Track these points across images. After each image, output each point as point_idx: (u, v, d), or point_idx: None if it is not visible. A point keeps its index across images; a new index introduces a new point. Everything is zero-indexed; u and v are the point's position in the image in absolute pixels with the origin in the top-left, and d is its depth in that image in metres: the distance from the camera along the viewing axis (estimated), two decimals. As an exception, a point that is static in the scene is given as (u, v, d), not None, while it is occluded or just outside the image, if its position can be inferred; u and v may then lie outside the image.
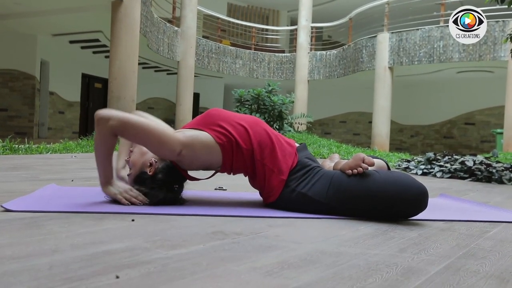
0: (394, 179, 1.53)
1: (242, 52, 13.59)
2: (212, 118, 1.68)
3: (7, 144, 4.42)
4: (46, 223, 1.22)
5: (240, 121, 1.69)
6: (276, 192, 1.65)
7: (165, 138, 1.55)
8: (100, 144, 1.52)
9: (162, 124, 1.62)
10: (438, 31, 10.22)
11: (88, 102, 12.15)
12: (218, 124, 1.66)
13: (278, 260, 0.97)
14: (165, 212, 1.48)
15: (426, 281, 0.88)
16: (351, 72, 12.28)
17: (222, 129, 1.64)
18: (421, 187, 1.53)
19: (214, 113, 1.70)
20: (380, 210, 1.54)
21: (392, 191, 1.51)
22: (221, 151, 1.63)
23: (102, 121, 1.49)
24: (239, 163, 1.68)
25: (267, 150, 1.66)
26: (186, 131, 1.65)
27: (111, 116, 1.50)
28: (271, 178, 1.65)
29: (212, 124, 1.66)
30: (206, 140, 1.62)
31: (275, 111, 6.77)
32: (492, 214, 1.84)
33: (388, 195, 1.51)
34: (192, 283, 0.79)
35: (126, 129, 1.52)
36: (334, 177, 1.60)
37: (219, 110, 1.73)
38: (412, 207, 1.54)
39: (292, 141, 1.80)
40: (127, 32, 6.98)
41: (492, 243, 1.29)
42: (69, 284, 0.74)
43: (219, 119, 1.67)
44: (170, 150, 1.57)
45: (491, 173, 3.98)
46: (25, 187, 1.95)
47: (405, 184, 1.53)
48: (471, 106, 13.45)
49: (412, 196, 1.51)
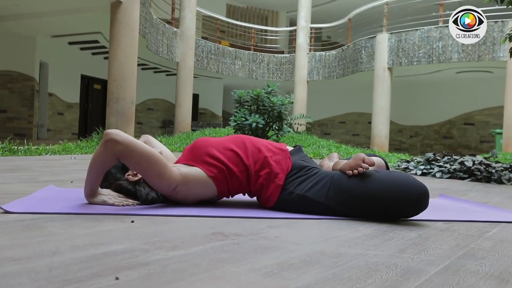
0: (394, 179, 1.53)
1: (241, 53, 13.60)
2: (200, 150, 1.68)
3: (6, 146, 4.41)
4: (46, 224, 1.22)
5: (227, 145, 1.70)
6: (274, 197, 1.65)
7: (165, 172, 1.56)
8: (99, 162, 1.53)
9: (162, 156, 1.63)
10: (437, 31, 10.23)
11: (87, 104, 12.14)
12: (207, 153, 1.66)
13: (277, 261, 0.97)
14: (165, 213, 1.48)
15: (426, 282, 0.88)
16: (350, 73, 12.29)
17: (212, 159, 1.65)
18: (422, 187, 1.53)
19: (201, 144, 1.70)
20: (380, 210, 1.54)
21: (393, 191, 1.51)
22: (214, 183, 1.64)
23: (111, 144, 1.49)
24: (236, 187, 1.69)
25: (259, 163, 1.67)
26: (180, 167, 1.65)
27: (120, 141, 1.50)
28: (268, 186, 1.65)
29: (201, 155, 1.66)
30: (199, 176, 1.63)
31: (275, 112, 6.77)
32: (492, 214, 1.84)
33: (389, 195, 1.51)
34: (192, 284, 0.79)
35: (131, 156, 1.52)
36: (334, 178, 1.60)
37: (204, 140, 1.73)
38: (413, 207, 1.54)
39: (283, 145, 1.79)
40: (126, 33, 6.98)
41: (492, 243, 1.29)
42: (68, 285, 0.74)
43: (206, 149, 1.67)
44: (167, 185, 1.58)
45: (491, 173, 3.98)
46: (24, 188, 1.95)
47: (406, 184, 1.52)
48: (470, 106, 13.46)
49: (413, 196, 1.51)
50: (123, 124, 7.00)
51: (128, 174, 1.67)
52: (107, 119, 7.09)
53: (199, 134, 9.14)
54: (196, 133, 9.60)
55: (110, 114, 7.04)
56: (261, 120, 6.58)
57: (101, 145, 1.51)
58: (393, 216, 1.56)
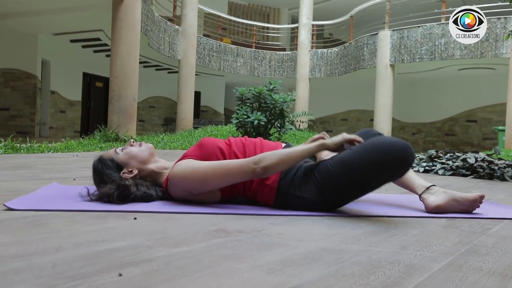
0: (371, 146, 1.51)
1: (243, 51, 13.58)
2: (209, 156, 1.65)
3: (9, 143, 4.42)
4: (49, 221, 1.23)
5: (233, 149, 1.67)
6: (270, 200, 1.63)
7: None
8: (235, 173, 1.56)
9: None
10: (439, 28, 10.19)
11: (89, 101, 12.16)
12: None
13: (280, 257, 0.97)
14: (167, 210, 1.48)
15: (429, 278, 0.88)
16: (352, 70, 12.26)
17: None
18: (401, 142, 1.50)
19: (208, 152, 1.66)
20: (373, 180, 1.52)
21: (376, 157, 1.48)
22: (219, 190, 1.63)
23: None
24: (234, 193, 1.67)
25: None
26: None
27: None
28: (262, 190, 1.63)
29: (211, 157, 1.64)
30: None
31: (276, 109, 6.76)
32: (495, 211, 1.84)
33: (374, 162, 1.48)
34: (195, 281, 0.79)
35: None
36: (317, 167, 1.59)
37: (210, 141, 1.70)
38: (401, 164, 1.49)
39: (279, 144, 1.76)
40: (128, 31, 6.98)
41: (495, 240, 1.28)
42: (72, 282, 0.74)
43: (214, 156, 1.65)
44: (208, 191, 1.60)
45: (493, 170, 3.97)
46: (27, 186, 1.95)
47: (385, 145, 1.50)
48: (473, 103, 13.42)
49: (397, 154, 1.48)
50: (125, 122, 7.01)
51: (123, 172, 1.65)
52: (109, 117, 7.10)
53: (201, 132, 9.14)
54: (198, 130, 9.61)
55: (112, 112, 7.04)
56: (263, 118, 6.57)
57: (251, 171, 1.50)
58: (387, 179, 1.54)
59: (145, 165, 1.70)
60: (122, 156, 1.69)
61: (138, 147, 1.73)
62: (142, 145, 1.74)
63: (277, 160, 1.51)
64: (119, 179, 1.60)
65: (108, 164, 1.66)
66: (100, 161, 1.69)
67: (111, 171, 1.65)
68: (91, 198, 1.57)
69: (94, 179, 1.69)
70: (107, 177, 1.63)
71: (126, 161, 1.68)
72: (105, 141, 6.20)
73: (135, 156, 1.69)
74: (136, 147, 1.72)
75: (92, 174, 1.70)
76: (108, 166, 1.66)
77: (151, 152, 1.73)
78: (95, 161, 1.70)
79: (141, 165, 1.69)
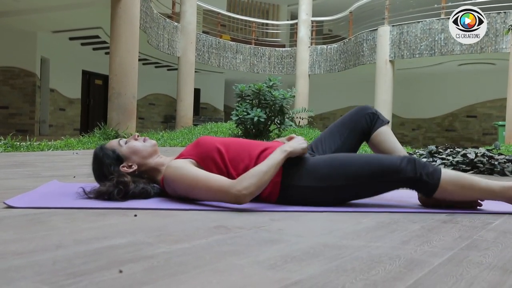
0: (377, 162, 1.63)
1: (243, 47, 13.56)
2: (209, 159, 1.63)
3: (8, 142, 4.42)
4: (49, 219, 1.23)
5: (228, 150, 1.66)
6: (274, 193, 1.61)
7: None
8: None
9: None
10: (439, 23, 10.17)
11: (88, 99, 12.16)
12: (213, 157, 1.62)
13: (281, 253, 0.97)
14: (167, 207, 1.48)
15: (430, 273, 0.88)
16: (352, 66, 12.25)
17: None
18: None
19: (208, 154, 1.64)
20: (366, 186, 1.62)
21: (375, 175, 1.60)
22: None
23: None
24: None
25: (251, 166, 1.60)
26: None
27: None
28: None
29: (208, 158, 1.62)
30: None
31: (276, 106, 6.76)
32: (495, 205, 1.84)
33: (371, 176, 1.60)
34: (195, 277, 0.79)
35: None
36: (312, 160, 1.65)
37: (207, 141, 1.69)
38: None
39: (275, 143, 1.74)
40: (127, 28, 6.97)
41: (495, 235, 1.28)
42: (72, 279, 0.74)
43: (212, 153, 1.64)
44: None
45: (493, 165, 3.97)
46: (27, 183, 1.96)
47: (385, 169, 1.60)
48: (472, 98, 13.41)
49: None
50: (124, 119, 7.00)
51: (122, 166, 1.64)
52: (109, 114, 7.10)
53: (200, 129, 9.14)
54: (198, 127, 9.60)
55: (112, 109, 7.04)
56: (262, 114, 6.57)
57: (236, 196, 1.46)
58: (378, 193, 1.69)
59: (145, 160, 1.69)
60: (125, 149, 1.68)
61: (142, 142, 1.72)
62: (147, 141, 1.74)
63: (256, 181, 1.47)
64: (118, 175, 1.60)
65: (109, 155, 1.65)
66: (102, 150, 1.68)
67: (110, 163, 1.64)
68: (88, 196, 1.57)
69: (93, 168, 1.68)
70: (106, 169, 1.62)
71: (128, 155, 1.67)
72: (105, 139, 6.20)
73: (138, 151, 1.68)
74: (140, 142, 1.71)
75: (91, 162, 1.70)
76: (108, 156, 1.64)
77: (154, 149, 1.72)
78: (97, 149, 1.70)
79: (142, 160, 1.69)
